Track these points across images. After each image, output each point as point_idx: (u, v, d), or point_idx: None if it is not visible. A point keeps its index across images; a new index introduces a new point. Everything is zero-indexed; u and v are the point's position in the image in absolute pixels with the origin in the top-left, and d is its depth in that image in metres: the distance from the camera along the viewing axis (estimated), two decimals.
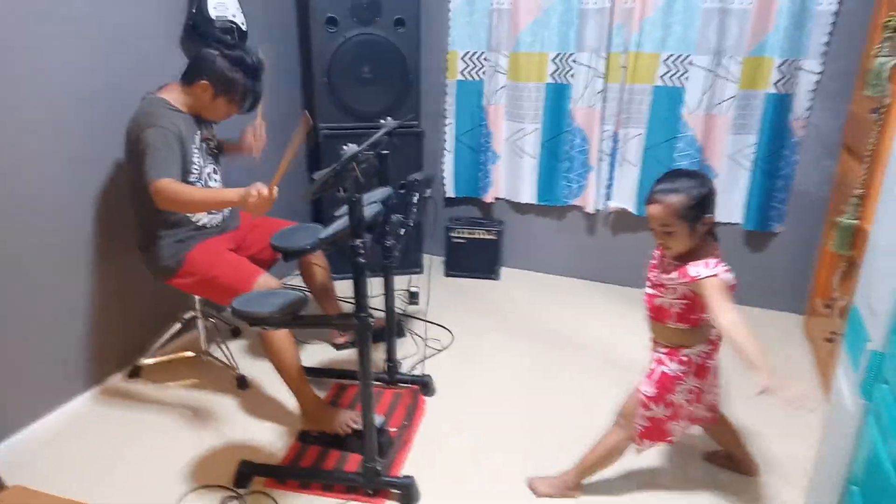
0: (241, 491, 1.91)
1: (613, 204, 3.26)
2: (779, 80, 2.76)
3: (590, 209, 3.27)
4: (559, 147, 3.27)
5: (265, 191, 1.84)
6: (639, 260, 3.27)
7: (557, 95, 3.20)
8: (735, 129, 2.91)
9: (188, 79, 2.15)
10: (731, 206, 3.05)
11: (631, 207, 3.22)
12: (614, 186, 3.23)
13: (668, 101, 2.97)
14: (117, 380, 2.48)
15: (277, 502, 1.87)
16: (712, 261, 1.61)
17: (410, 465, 2.03)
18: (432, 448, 2.12)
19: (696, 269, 1.61)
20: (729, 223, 3.08)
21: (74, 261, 2.25)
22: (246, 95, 2.17)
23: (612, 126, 3.11)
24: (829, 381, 1.81)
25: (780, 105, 2.80)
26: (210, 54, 2.12)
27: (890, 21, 2.04)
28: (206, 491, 1.91)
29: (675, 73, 2.92)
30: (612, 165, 3.19)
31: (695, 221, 1.62)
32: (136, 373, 2.50)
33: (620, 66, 3.00)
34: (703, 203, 1.62)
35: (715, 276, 1.58)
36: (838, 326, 2.24)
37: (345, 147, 1.58)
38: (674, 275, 1.67)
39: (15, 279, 2.04)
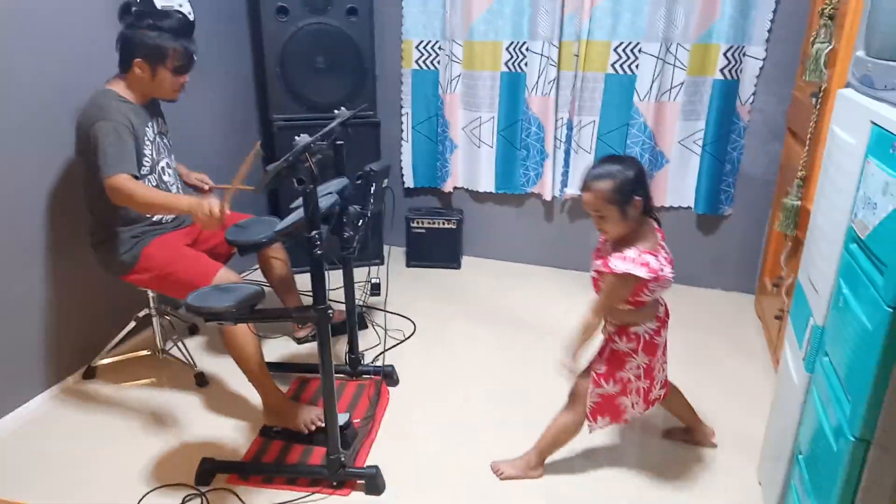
0: (202, 489, 1.88)
1: (570, 191, 3.31)
2: (725, 67, 2.84)
3: (547, 196, 3.31)
4: (516, 135, 3.30)
5: (216, 209, 1.82)
6: (595, 245, 3.36)
7: (513, 84, 3.23)
8: (684, 115, 2.99)
9: (124, 64, 2.10)
10: (682, 191, 3.13)
11: None
12: (570, 173, 3.28)
13: (620, 88, 3.02)
14: (73, 380, 2.41)
15: (241, 498, 1.85)
16: (633, 253, 1.66)
17: (375, 455, 2.04)
18: (397, 437, 2.13)
19: (615, 261, 1.66)
20: (681, 207, 3.17)
21: (24, 259, 2.18)
22: (182, 57, 2.10)
23: (567, 114, 3.15)
24: (779, 358, 1.89)
25: (727, 91, 2.88)
26: (133, 32, 2.05)
27: (825, 9, 2.12)
28: (167, 490, 1.88)
29: (625, 61, 2.98)
30: (567, 153, 3.24)
31: (625, 205, 1.65)
32: (91, 374, 2.44)
33: (573, 54, 3.04)
34: (632, 186, 1.65)
35: (623, 273, 1.63)
36: (786, 305, 2.33)
37: (297, 138, 1.57)
38: (598, 262, 1.73)
39: None
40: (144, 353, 2.54)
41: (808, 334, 1.58)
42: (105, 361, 2.47)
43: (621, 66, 3.00)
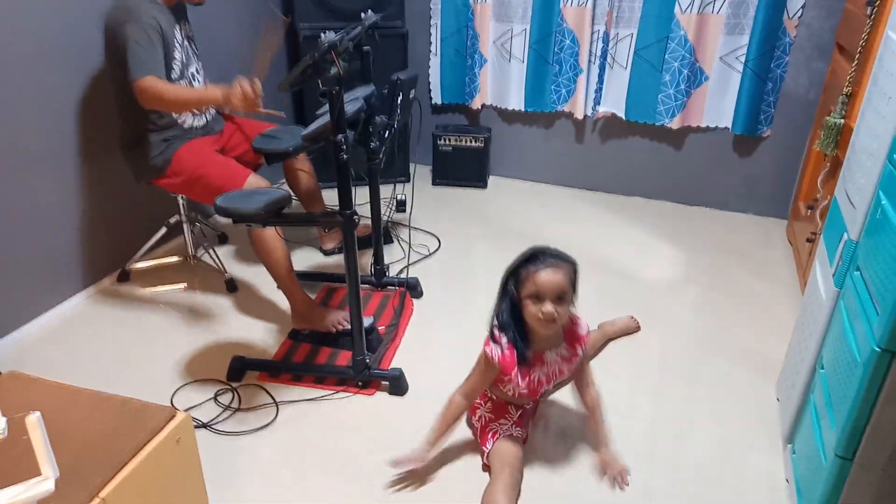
0: (234, 384, 1.97)
1: (603, 109, 3.22)
2: None
3: (579, 115, 3.23)
4: (548, 49, 3.18)
5: (248, 85, 1.79)
6: (626, 167, 3.31)
7: None
8: (728, 28, 2.84)
9: None
10: (720, 111, 3.02)
11: (620, 112, 3.18)
12: (604, 90, 3.18)
13: None
14: (109, 282, 2.50)
15: (271, 394, 1.94)
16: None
17: (399, 360, 2.10)
18: (420, 345, 2.19)
19: (581, 327, 1.69)
20: (717, 128, 3.06)
21: (58, 165, 2.22)
22: None
23: (603, 26, 3.02)
24: (807, 282, 1.86)
25: (775, 3, 2.71)
26: None
27: None
28: (199, 384, 1.98)
29: None
30: (602, 68, 3.12)
31: (574, 293, 1.59)
32: (125, 277, 2.52)
33: None
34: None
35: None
36: (819, 227, 2.28)
37: (323, 35, 1.53)
38: (567, 350, 1.66)
39: (4, 182, 2.02)
40: (176, 259, 2.61)
41: (841, 249, 1.55)
42: (138, 266, 2.55)
43: None
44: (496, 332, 1.61)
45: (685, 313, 2.39)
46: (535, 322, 1.55)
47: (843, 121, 2.18)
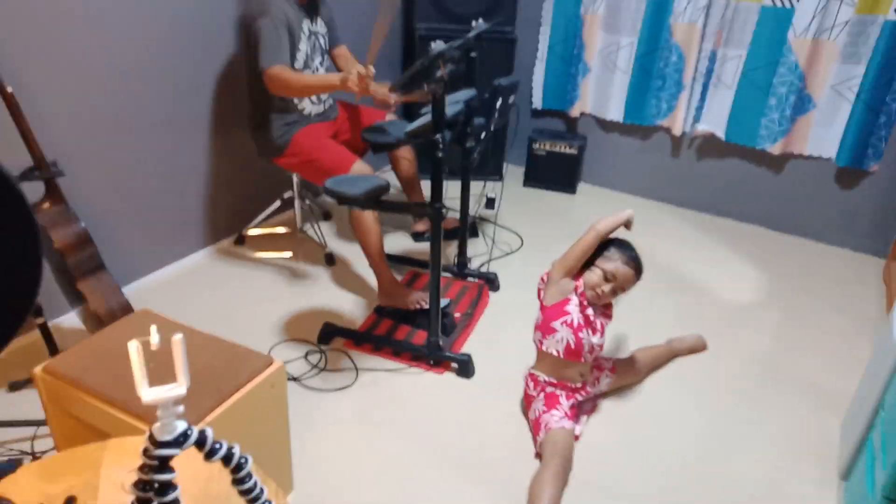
0: (322, 347, 2.21)
1: (702, 127, 3.21)
2: None
3: (677, 131, 3.24)
4: (653, 63, 3.21)
5: (361, 69, 1.99)
6: (720, 187, 3.29)
7: (659, 8, 3.11)
8: (844, 57, 2.77)
9: None
10: (825, 140, 2.94)
11: (720, 132, 3.17)
12: (705, 109, 3.17)
13: (775, 22, 2.84)
14: (227, 244, 2.83)
15: (353, 360, 2.16)
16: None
17: (469, 346, 2.26)
18: (491, 336, 2.34)
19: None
20: (820, 157, 2.99)
21: (194, 131, 2.54)
22: None
23: (712, 45, 3.02)
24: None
25: None
26: None
27: None
28: (293, 343, 2.23)
29: None
30: (705, 87, 3.12)
31: None
32: (241, 240, 2.85)
33: None
34: None
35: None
36: None
37: (433, 44, 1.70)
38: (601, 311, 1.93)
39: (145, 142, 2.36)
40: (285, 229, 2.91)
41: None
42: (253, 232, 2.87)
43: None
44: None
45: (760, 338, 2.39)
46: (589, 287, 1.85)
47: None
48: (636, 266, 1.86)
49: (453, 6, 3.21)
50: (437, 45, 1.70)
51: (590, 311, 1.87)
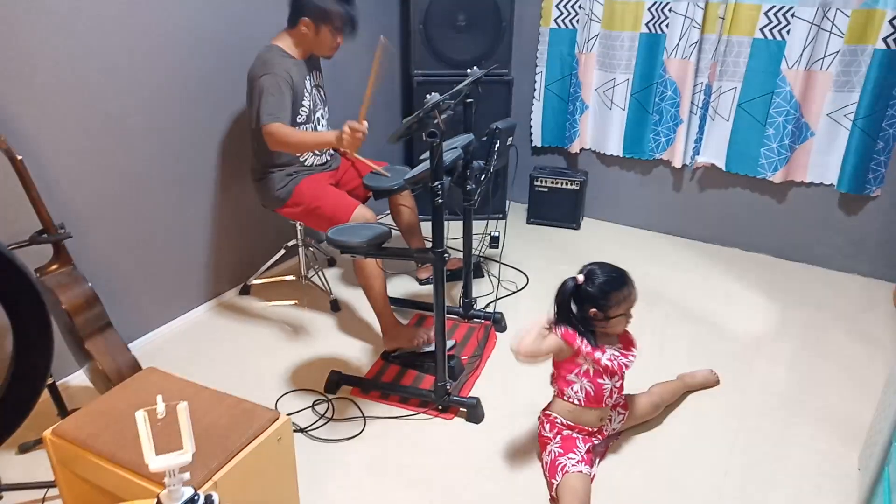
0: (329, 396, 2.21)
1: (702, 159, 3.24)
2: (890, 35, 2.61)
3: (677, 163, 3.27)
4: (649, 99, 3.26)
5: (355, 124, 2.04)
6: (724, 217, 3.30)
7: (651, 46, 3.18)
8: (837, 86, 2.80)
9: (292, 21, 2.36)
10: (825, 167, 2.96)
11: (720, 163, 3.19)
12: (703, 141, 3.20)
13: (767, 54, 2.88)
14: (231, 295, 2.85)
15: (360, 408, 2.15)
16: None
17: (478, 390, 2.25)
18: (500, 378, 2.33)
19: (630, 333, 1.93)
20: (822, 184, 3.00)
21: (197, 188, 2.59)
22: (344, 20, 2.34)
23: (706, 78, 3.06)
24: None
25: (890, 62, 2.65)
26: None
27: None
28: (300, 393, 2.23)
29: (776, 26, 2.83)
30: (702, 119, 3.16)
31: None
32: (246, 290, 2.87)
33: (718, 16, 2.93)
34: None
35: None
36: None
37: (428, 96, 1.74)
38: (622, 348, 1.89)
39: (150, 200, 2.40)
40: (290, 277, 2.93)
41: None
42: (258, 281, 2.89)
43: (771, 30, 2.85)
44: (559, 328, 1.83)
45: (773, 370, 2.36)
46: (621, 327, 1.85)
47: None
48: (631, 280, 1.83)
49: (448, 52, 3.29)
50: (433, 97, 1.74)
51: (603, 358, 1.80)
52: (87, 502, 1.54)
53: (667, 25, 3.09)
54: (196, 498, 0.84)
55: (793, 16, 2.76)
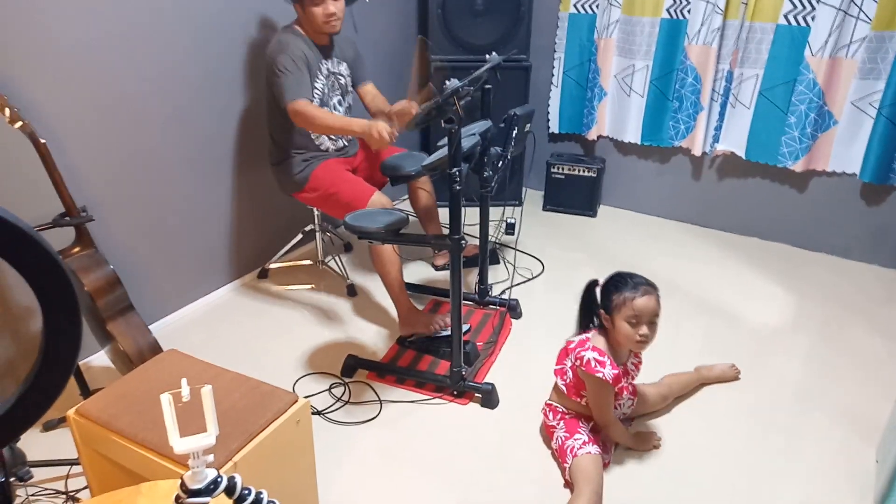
0: (346, 379, 2.23)
1: (721, 147, 3.20)
2: None
3: (696, 151, 3.23)
4: (669, 86, 3.22)
5: (386, 134, 2.05)
6: (744, 206, 3.27)
7: (672, 31, 3.13)
8: (862, 73, 2.74)
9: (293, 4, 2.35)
10: (848, 156, 2.91)
11: (740, 151, 3.15)
12: (724, 128, 3.16)
13: (791, 41, 2.83)
14: (250, 278, 2.88)
15: (376, 392, 2.17)
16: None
17: (493, 375, 2.26)
18: (514, 364, 2.34)
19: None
20: (844, 173, 2.95)
21: (217, 175, 2.61)
22: None
23: (728, 65, 3.02)
24: None
25: None
26: None
27: None
28: (317, 376, 2.25)
29: (800, 12, 2.77)
30: (723, 106, 3.11)
31: None
32: (264, 274, 2.90)
33: (741, 1, 2.88)
34: None
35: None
36: None
37: (447, 82, 1.73)
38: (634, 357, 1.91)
39: (169, 184, 2.42)
40: (307, 262, 2.95)
41: None
42: (275, 265, 2.91)
43: (795, 16, 2.79)
44: (595, 355, 1.76)
45: (790, 363, 2.35)
46: (630, 342, 1.75)
47: None
48: (648, 289, 1.73)
49: (467, 37, 3.26)
50: (452, 83, 1.74)
51: (628, 366, 1.87)
52: (109, 480, 1.57)
53: (688, 11, 3.04)
54: (219, 480, 0.86)
55: (818, 1, 2.71)
